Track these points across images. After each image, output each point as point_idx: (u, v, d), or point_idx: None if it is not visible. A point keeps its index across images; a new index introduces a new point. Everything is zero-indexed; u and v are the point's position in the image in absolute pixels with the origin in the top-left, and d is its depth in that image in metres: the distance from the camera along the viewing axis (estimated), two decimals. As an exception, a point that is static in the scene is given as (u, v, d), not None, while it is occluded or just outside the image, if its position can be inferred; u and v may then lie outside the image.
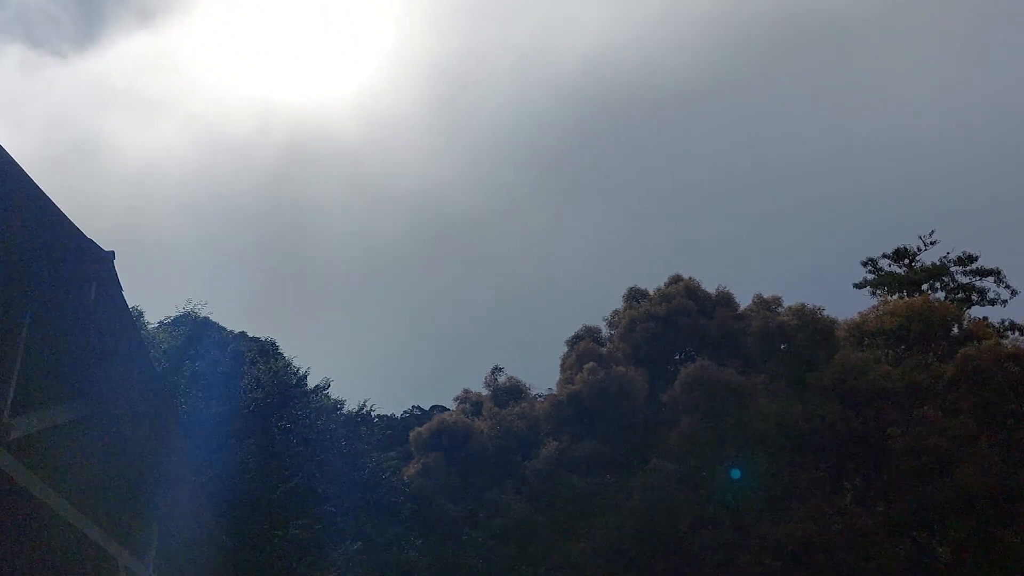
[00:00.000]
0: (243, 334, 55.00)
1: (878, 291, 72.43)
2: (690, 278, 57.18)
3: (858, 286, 77.80)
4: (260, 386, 45.27)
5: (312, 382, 53.99)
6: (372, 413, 50.98)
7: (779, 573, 46.01)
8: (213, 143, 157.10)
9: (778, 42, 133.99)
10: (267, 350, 55.23)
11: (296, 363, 55.65)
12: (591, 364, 51.38)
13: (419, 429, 55.95)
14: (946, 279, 75.92)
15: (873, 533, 48.64)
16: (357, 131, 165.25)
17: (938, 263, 76.14)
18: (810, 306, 53.38)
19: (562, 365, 55.78)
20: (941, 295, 73.14)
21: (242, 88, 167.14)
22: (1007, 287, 74.58)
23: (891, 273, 76.34)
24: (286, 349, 58.82)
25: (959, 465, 47.47)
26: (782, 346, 53.59)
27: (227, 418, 42.29)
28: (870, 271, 78.20)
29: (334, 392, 53.04)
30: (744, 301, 57.69)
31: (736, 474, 46.89)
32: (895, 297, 63.68)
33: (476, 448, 52.86)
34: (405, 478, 52.66)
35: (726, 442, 48.34)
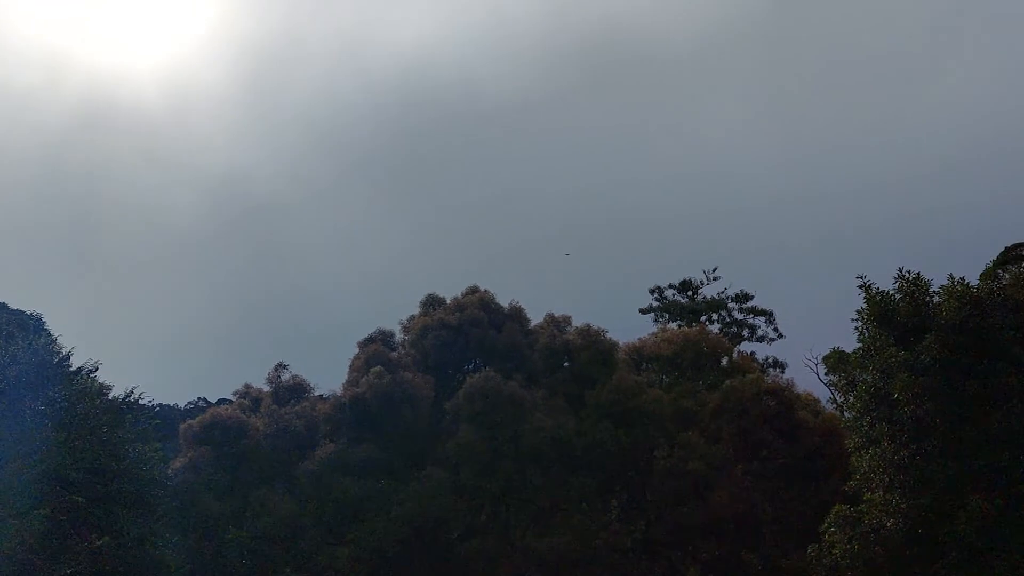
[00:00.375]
0: (3, 305, 51.02)
1: (660, 318, 76.29)
2: (486, 290, 57.90)
3: (644, 311, 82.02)
4: (16, 363, 42.08)
5: (79, 363, 50.67)
6: (141, 401, 48.33)
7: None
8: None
9: (594, 68, 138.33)
10: (29, 325, 51.48)
11: (63, 341, 52.22)
12: (379, 368, 50.95)
13: (190, 422, 53.64)
14: (723, 313, 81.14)
15: (631, 551, 50.86)
16: (162, 103, 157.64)
17: (717, 297, 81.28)
18: (595, 327, 55.26)
19: (351, 367, 54.97)
20: (717, 327, 78.00)
21: (32, 30, 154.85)
22: (775, 329, 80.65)
23: (675, 302, 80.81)
24: (56, 326, 54.96)
25: (714, 489, 50.45)
26: (565, 363, 55.15)
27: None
28: (656, 299, 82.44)
29: (107, 376, 49.93)
30: (538, 318, 58.92)
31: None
32: (674, 325, 67.11)
33: (250, 445, 51.20)
34: (170, 471, 50.24)
35: (502, 453, 49.14)
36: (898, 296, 35.06)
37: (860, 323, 35.87)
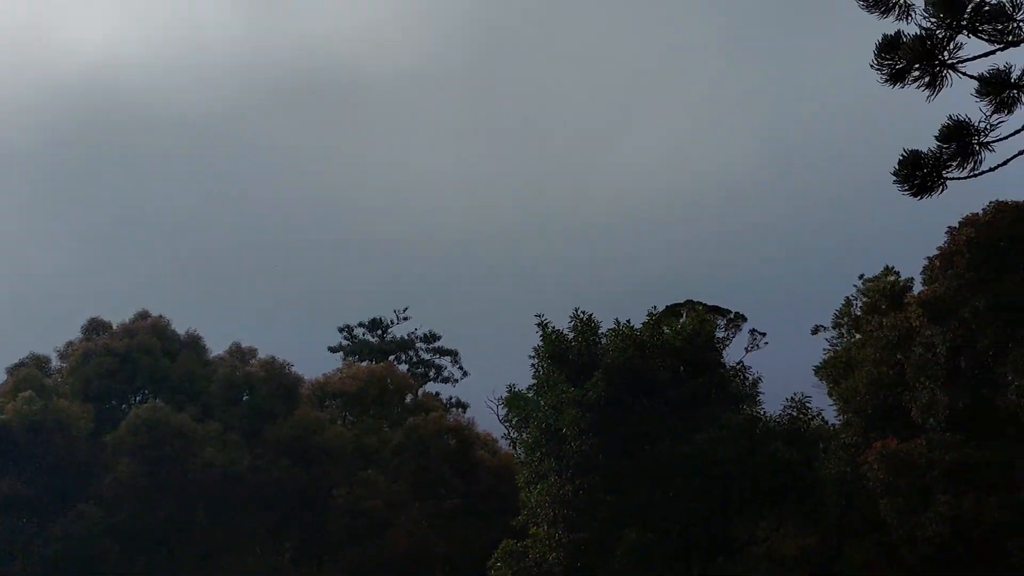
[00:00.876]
0: None
1: (350, 357, 75.44)
2: (160, 316, 54.22)
3: (332, 350, 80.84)
4: None
5: None
6: None
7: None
8: None
9: (290, 90, 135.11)
10: None
11: None
12: (29, 393, 45.78)
13: None
14: (411, 353, 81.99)
15: (302, 591, 49.24)
16: None
17: (407, 337, 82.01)
18: (280, 360, 53.47)
19: (-4, 394, 48.98)
20: (405, 367, 78.57)
21: None
22: (460, 368, 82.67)
23: (365, 341, 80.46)
24: None
25: (391, 528, 50.16)
26: (245, 397, 52.80)
27: None
28: (345, 337, 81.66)
29: None
30: (222, 347, 56.03)
31: None
32: (363, 363, 66.64)
33: None
34: None
35: (166, 490, 45.82)
36: (571, 335, 36.97)
37: (536, 360, 37.36)
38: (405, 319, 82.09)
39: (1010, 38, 13.13)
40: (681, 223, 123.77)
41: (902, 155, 13.73)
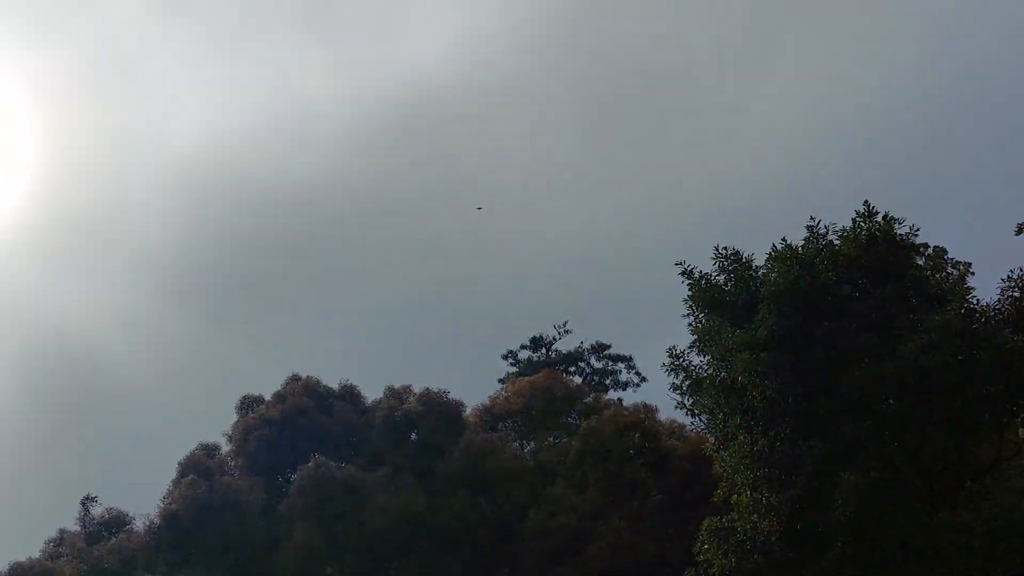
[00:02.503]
0: None
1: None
2: (308, 376, 52.62)
3: (503, 381, 77.92)
4: None
5: None
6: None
7: None
8: None
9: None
10: None
11: None
12: (191, 477, 44.78)
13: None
14: (582, 364, 78.03)
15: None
16: None
17: (573, 351, 78.18)
18: (435, 389, 50.67)
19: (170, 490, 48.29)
20: (578, 379, 74.65)
21: None
22: (637, 373, 78.03)
23: (531, 361, 77.08)
24: None
25: (591, 541, 46.04)
26: (411, 436, 50.23)
27: None
28: (511, 363, 78.65)
29: None
30: (376, 393, 53.91)
31: None
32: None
33: (56, 595, 43.79)
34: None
35: (346, 546, 43.44)
36: (721, 276, 32.08)
37: (690, 313, 32.63)
38: (567, 332, 78.49)
39: None
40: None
41: None
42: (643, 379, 76.96)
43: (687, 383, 33.63)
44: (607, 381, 77.76)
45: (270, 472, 48.94)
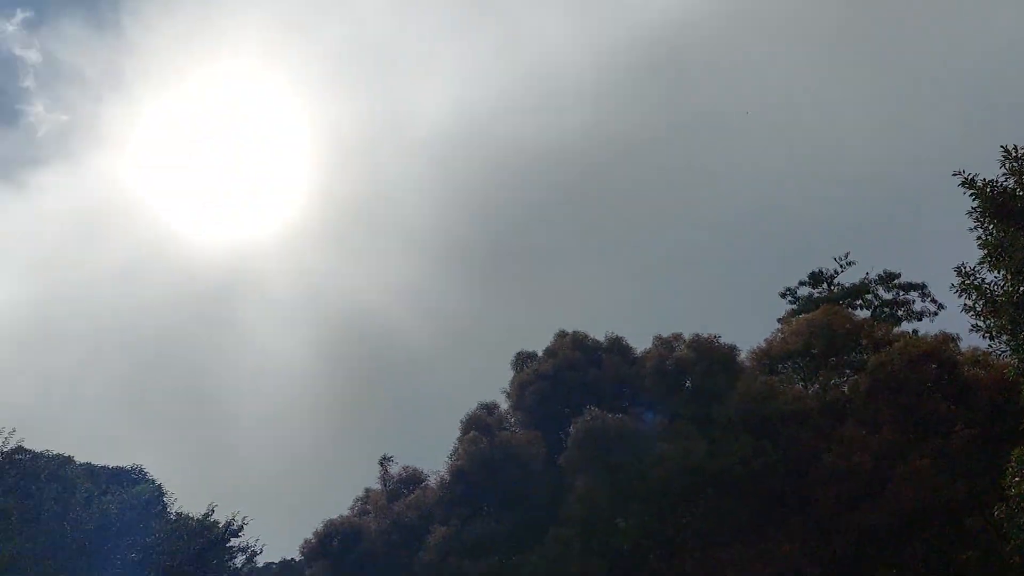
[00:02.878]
0: (90, 464, 49.72)
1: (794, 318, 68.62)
2: (575, 331, 52.87)
3: (783, 319, 74.25)
4: (105, 514, 40.15)
5: (187, 509, 48.94)
6: (237, 524, 46.02)
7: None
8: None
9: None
10: (129, 478, 50.02)
11: (171, 491, 50.61)
12: (473, 434, 46.49)
13: (307, 538, 50.33)
14: (869, 297, 72.73)
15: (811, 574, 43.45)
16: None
17: (859, 283, 73.05)
18: (706, 335, 49.11)
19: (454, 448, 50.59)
20: (867, 312, 69.73)
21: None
22: (932, 300, 71.53)
23: (811, 298, 72.89)
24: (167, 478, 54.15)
25: (889, 484, 42.82)
26: (686, 383, 49.10)
27: (43, 556, 36.94)
28: (790, 301, 74.83)
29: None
30: (644, 344, 53.24)
31: None
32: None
33: (367, 549, 47.26)
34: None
35: (630, 496, 43.27)
36: (1012, 180, 28.17)
37: (978, 227, 29.00)
38: (849, 264, 73.67)
39: None
40: None
41: None
42: (940, 307, 70.71)
43: (980, 303, 30.08)
44: (899, 313, 72.12)
45: (547, 425, 49.71)
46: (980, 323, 30.93)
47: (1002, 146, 28.44)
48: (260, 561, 49.95)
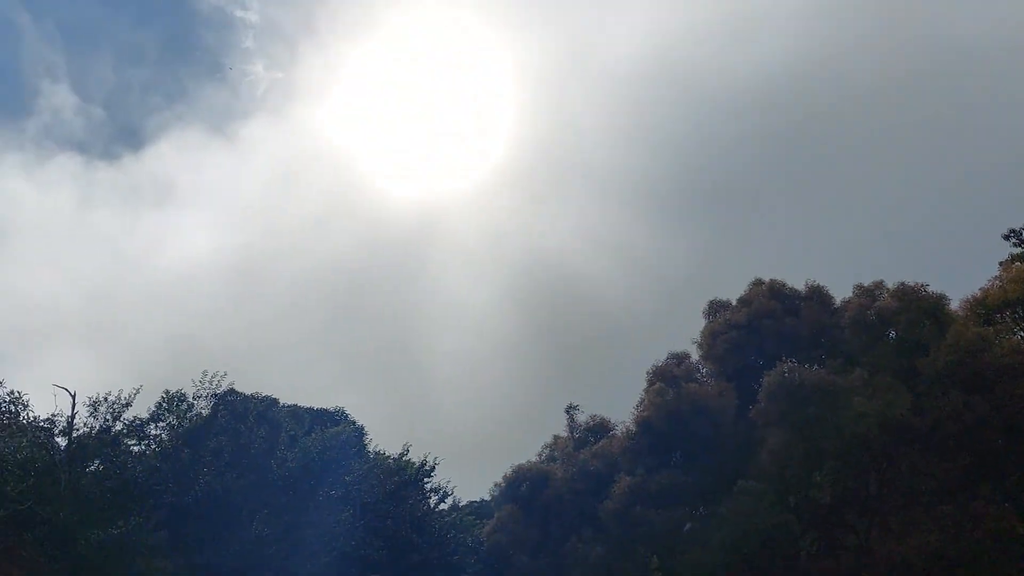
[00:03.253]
0: (295, 406, 52.77)
1: (1017, 263, 62.93)
2: (773, 279, 50.68)
3: (1003, 264, 68.25)
4: (305, 452, 42.61)
5: (386, 449, 51.13)
6: (430, 465, 47.78)
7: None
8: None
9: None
10: (333, 419, 52.78)
11: (371, 432, 53.10)
12: (659, 385, 45.75)
13: (498, 481, 51.61)
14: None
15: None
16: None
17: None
18: (911, 283, 45.81)
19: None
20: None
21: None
22: None
23: (1039, 242, 66.44)
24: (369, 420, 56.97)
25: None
26: (888, 334, 46.22)
27: (255, 492, 39.63)
28: (1014, 243, 68.58)
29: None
30: (844, 294, 50.42)
31: None
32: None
33: (553, 495, 47.90)
34: (481, 536, 48.52)
35: (824, 452, 41.42)
36: None
37: None
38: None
39: None
40: None
41: None
42: None
43: None
44: None
45: (738, 376, 48.25)
46: None
47: None
48: (451, 501, 51.80)
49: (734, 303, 51.49)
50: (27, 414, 39.83)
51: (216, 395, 42.05)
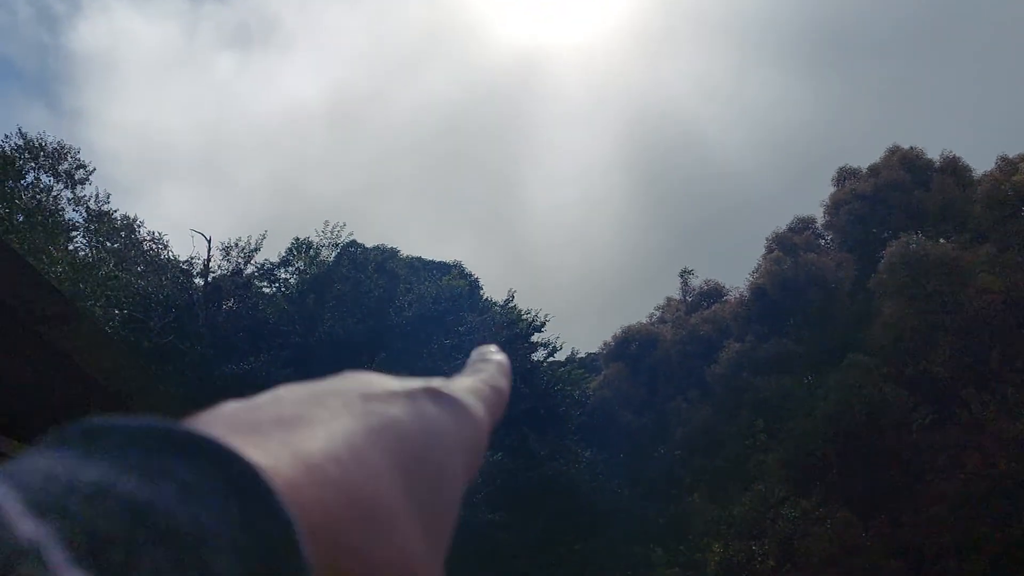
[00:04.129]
0: (418, 258, 54.45)
1: None
2: (911, 147, 48.60)
3: None
4: (420, 301, 44.42)
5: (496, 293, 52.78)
6: (547, 321, 49.00)
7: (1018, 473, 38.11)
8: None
9: None
10: (449, 269, 54.53)
11: (487, 282, 54.53)
12: (776, 253, 45.21)
13: (606, 340, 52.72)
14: None
15: None
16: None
17: None
18: (1052, 156, 43.27)
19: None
20: None
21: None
22: None
23: None
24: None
25: None
26: (1022, 210, 44.12)
27: (374, 337, 41.77)
28: None
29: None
30: (987, 165, 48.01)
31: None
32: None
33: (661, 356, 48.70)
34: (588, 390, 50.04)
35: (939, 328, 40.59)
36: None
37: None
38: None
39: None
40: None
41: None
42: None
43: None
44: None
45: (861, 248, 47.21)
46: None
47: None
48: (561, 356, 53.23)
49: (865, 170, 49.88)
50: (167, 254, 42.83)
51: (337, 244, 44.00)
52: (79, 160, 42.49)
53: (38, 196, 40.22)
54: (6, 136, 40.39)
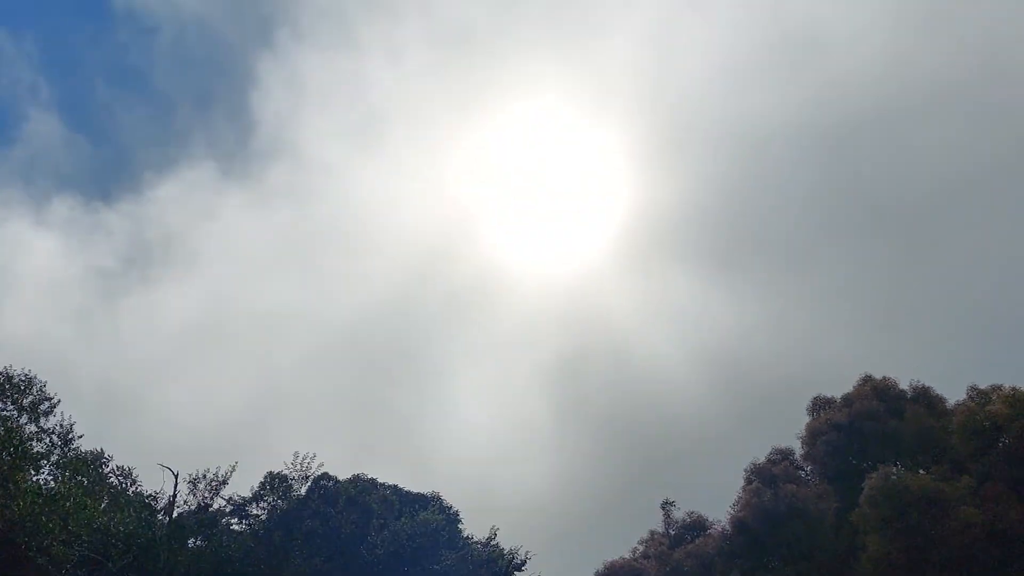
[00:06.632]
0: (395, 487, 53.09)
1: None
2: (883, 377, 49.23)
3: None
4: (395, 538, 42.95)
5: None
6: (520, 559, 47.38)
7: None
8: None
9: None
10: (426, 502, 53.07)
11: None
12: (756, 485, 44.54)
13: (589, 576, 50.71)
14: None
15: None
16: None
17: None
18: (1024, 389, 43.75)
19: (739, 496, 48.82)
20: None
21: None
22: None
23: None
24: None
25: None
26: (1001, 442, 44.10)
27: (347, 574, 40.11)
28: None
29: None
30: (958, 395, 48.50)
31: None
32: None
33: (644, 594, 46.79)
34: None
35: (925, 562, 39.47)
36: None
37: None
38: None
39: None
40: None
41: None
42: None
43: None
44: None
45: (840, 478, 46.72)
46: None
47: None
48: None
49: (839, 400, 50.18)
50: (134, 489, 41.38)
51: (307, 476, 42.86)
52: (44, 392, 42.05)
53: (3, 426, 39.41)
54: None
